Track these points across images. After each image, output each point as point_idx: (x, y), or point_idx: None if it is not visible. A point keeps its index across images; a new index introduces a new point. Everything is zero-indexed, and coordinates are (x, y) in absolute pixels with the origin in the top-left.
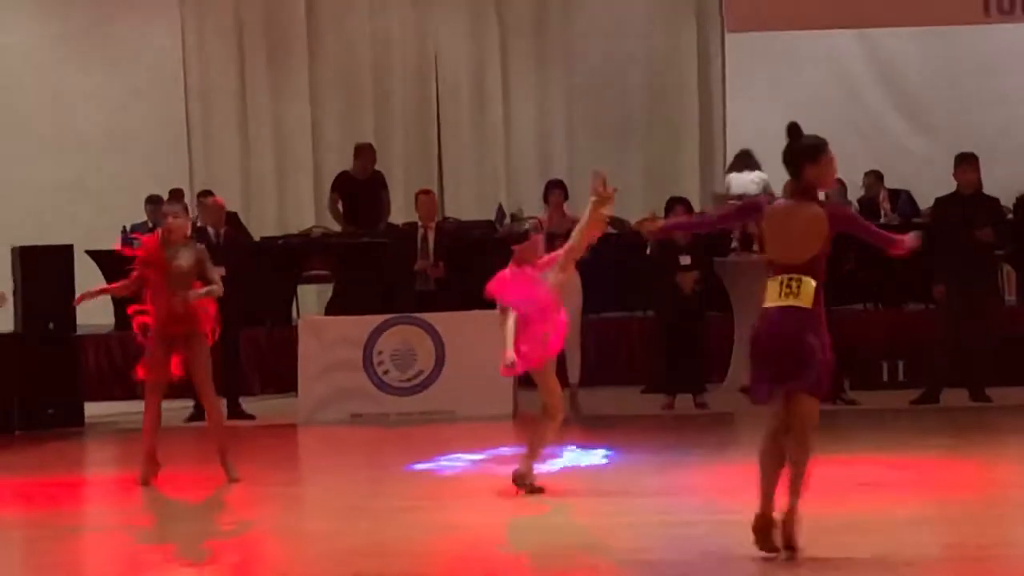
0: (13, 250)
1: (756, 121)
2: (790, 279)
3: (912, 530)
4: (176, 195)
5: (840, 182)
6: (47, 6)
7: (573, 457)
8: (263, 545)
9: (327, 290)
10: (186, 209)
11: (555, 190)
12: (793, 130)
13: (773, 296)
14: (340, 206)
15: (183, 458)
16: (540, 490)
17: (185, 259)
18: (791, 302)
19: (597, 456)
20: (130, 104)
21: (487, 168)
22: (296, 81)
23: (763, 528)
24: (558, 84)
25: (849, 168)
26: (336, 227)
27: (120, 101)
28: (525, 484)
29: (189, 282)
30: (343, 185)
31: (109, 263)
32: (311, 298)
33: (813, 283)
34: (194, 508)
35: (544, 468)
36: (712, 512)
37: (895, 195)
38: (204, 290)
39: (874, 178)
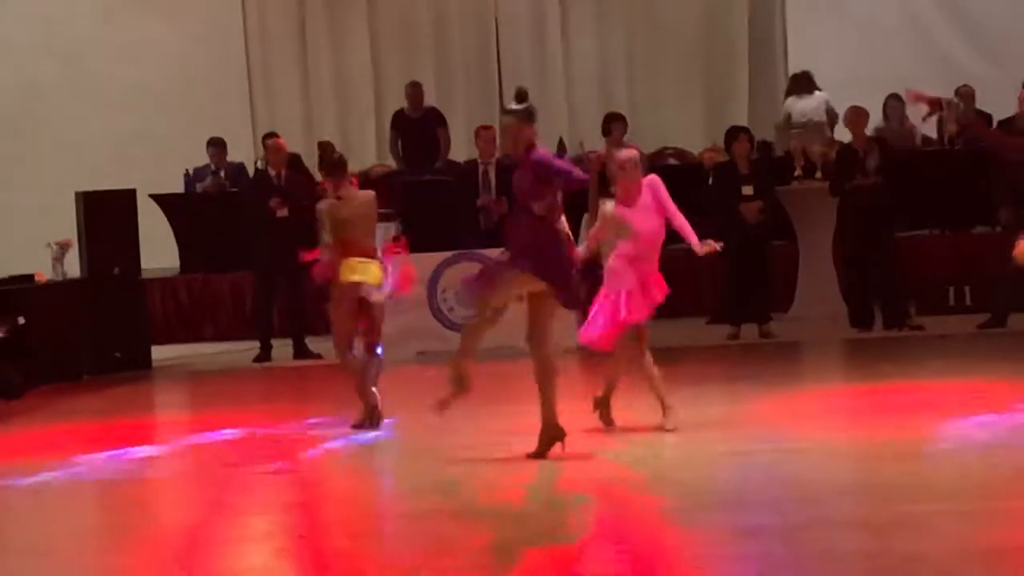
0: (77, 196)
1: (817, 48)
2: None
3: (982, 454)
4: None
5: (897, 96)
6: None
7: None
8: (331, 484)
9: (390, 229)
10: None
11: (615, 123)
12: None
13: None
14: (399, 145)
15: (251, 398)
16: (611, 423)
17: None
18: None
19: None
20: (191, 51)
21: (547, 103)
22: (355, 20)
23: None
24: (616, 16)
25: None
26: (396, 165)
27: (181, 48)
28: (599, 412)
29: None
30: (399, 123)
31: (172, 206)
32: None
33: None
34: (260, 447)
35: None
36: (777, 441)
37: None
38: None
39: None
